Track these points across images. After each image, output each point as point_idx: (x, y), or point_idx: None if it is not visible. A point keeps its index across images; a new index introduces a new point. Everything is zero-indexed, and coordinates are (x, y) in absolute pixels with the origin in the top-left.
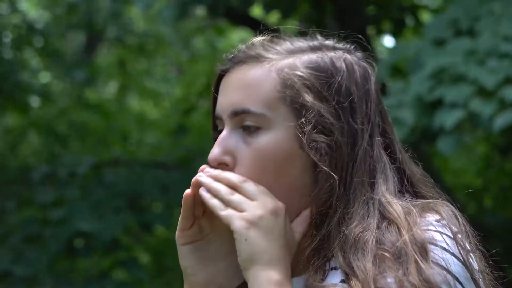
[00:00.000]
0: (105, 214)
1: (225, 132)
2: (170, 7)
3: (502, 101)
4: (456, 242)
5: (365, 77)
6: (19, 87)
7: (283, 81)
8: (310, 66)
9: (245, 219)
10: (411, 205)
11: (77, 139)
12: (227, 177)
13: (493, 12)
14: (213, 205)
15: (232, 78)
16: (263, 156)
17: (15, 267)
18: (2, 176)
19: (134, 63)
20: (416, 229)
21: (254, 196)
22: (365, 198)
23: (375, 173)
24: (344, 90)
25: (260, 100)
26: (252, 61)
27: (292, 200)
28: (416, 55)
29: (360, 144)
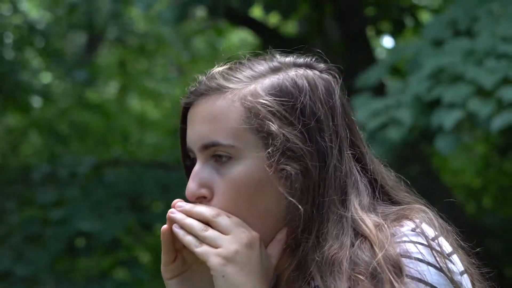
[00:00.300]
0: (105, 214)
1: (198, 165)
2: (171, 8)
3: (500, 101)
4: (432, 250)
5: (329, 91)
6: (20, 87)
7: (248, 110)
8: (272, 92)
9: (221, 256)
10: (385, 216)
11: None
12: (199, 212)
13: (491, 12)
14: (188, 242)
15: (197, 111)
16: (237, 186)
17: (16, 267)
18: (3, 176)
19: (134, 63)
20: (388, 246)
21: (227, 230)
22: (337, 216)
23: (346, 189)
24: (309, 110)
25: (228, 131)
26: (214, 93)
27: (268, 227)
28: (415, 55)
29: (329, 162)
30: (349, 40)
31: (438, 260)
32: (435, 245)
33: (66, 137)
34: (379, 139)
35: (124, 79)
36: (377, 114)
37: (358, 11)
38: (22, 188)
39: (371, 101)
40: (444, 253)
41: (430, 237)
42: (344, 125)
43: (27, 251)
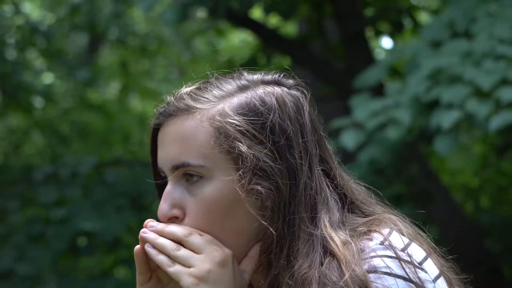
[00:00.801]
0: (107, 213)
1: (170, 186)
2: (172, 9)
3: (498, 102)
4: (401, 261)
5: (298, 107)
6: (23, 88)
7: (216, 130)
8: (241, 112)
9: (193, 275)
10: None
11: (79, 139)
12: (171, 232)
13: (489, 14)
14: (160, 261)
15: (167, 132)
16: (209, 206)
17: (18, 266)
18: (5, 175)
19: (135, 64)
20: (355, 265)
21: (200, 249)
22: (307, 234)
23: (316, 206)
24: (279, 128)
25: (197, 152)
26: (183, 114)
27: (241, 244)
28: (413, 56)
29: (300, 179)
30: (349, 40)
31: (407, 272)
32: (404, 256)
33: (67, 137)
34: (378, 139)
35: (125, 79)
36: (376, 114)
37: (357, 12)
38: (24, 188)
39: (370, 101)
40: (414, 262)
41: (400, 248)
42: (314, 141)
43: (29, 250)
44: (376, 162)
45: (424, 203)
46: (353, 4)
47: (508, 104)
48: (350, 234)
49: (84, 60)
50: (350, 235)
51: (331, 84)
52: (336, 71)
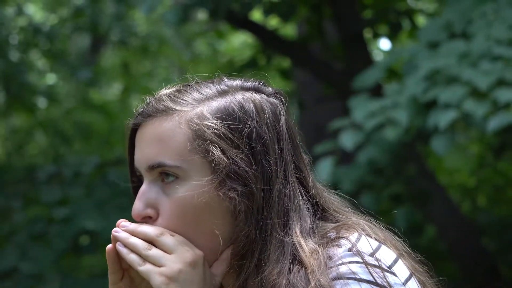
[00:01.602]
0: (109, 212)
1: (145, 185)
2: (173, 10)
3: (495, 102)
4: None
5: (276, 115)
6: (26, 88)
7: (194, 132)
8: (219, 116)
9: (164, 275)
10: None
11: (82, 139)
12: (143, 231)
13: (486, 15)
14: (131, 260)
15: (145, 132)
16: (183, 207)
17: (21, 264)
18: (9, 175)
19: (137, 65)
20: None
21: (171, 249)
22: (278, 241)
23: (289, 212)
24: (255, 134)
25: (174, 153)
26: (161, 115)
27: (213, 247)
28: (411, 57)
29: (274, 185)
30: (347, 42)
31: (374, 276)
32: (372, 261)
33: (70, 137)
34: (376, 139)
35: (127, 80)
36: (374, 115)
37: (356, 14)
38: (27, 187)
39: (368, 101)
40: (383, 266)
41: (368, 253)
42: (290, 149)
43: (32, 249)
44: (375, 162)
45: (422, 203)
46: (352, 6)
47: (505, 104)
48: (319, 241)
49: (86, 61)
50: (318, 243)
51: (330, 84)
52: (335, 72)
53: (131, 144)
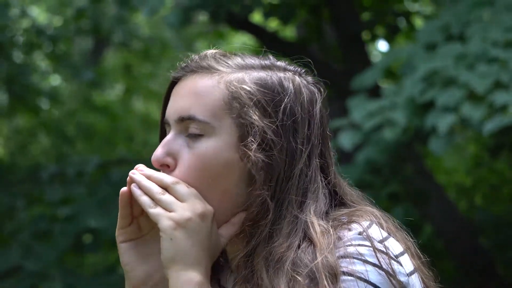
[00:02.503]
0: (111, 211)
1: (171, 135)
2: (174, 13)
3: (492, 105)
4: (375, 251)
5: (312, 100)
6: (29, 90)
7: (231, 93)
8: (258, 83)
9: (173, 219)
10: (335, 219)
11: (85, 139)
12: (159, 177)
13: (482, 18)
14: (143, 202)
15: (183, 86)
16: (203, 161)
17: (25, 262)
18: (13, 175)
19: (139, 66)
20: (328, 252)
21: (184, 198)
22: (293, 217)
23: (307, 193)
24: (289, 110)
25: (207, 108)
26: (203, 71)
27: (224, 208)
28: (408, 58)
29: (297, 163)
30: (346, 43)
31: (380, 260)
32: (380, 247)
33: (73, 137)
34: (374, 139)
35: (129, 81)
36: (372, 115)
37: (354, 17)
38: (31, 187)
39: (366, 102)
40: (390, 253)
41: (378, 240)
42: (319, 136)
43: (36, 247)
44: (373, 162)
45: (420, 202)
46: (350, 8)
47: (501, 107)
48: (331, 224)
49: (89, 62)
50: (331, 225)
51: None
52: (334, 73)
53: (167, 97)
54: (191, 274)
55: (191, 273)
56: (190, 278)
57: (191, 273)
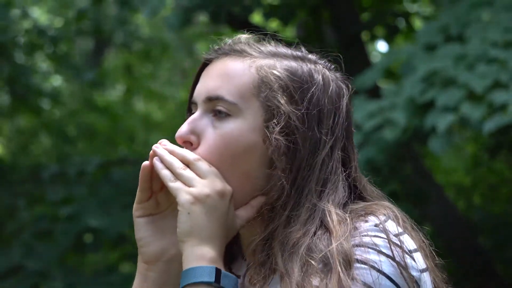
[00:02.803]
0: (112, 210)
1: (197, 114)
2: (175, 14)
3: (491, 104)
4: (390, 243)
5: (339, 94)
6: (31, 90)
7: (260, 78)
8: (288, 69)
9: (192, 194)
10: (352, 211)
11: (86, 139)
12: (182, 153)
13: (482, 19)
14: (164, 175)
15: (214, 67)
16: (226, 141)
17: (27, 262)
18: (14, 174)
19: (140, 67)
20: (344, 239)
21: (204, 175)
22: (311, 205)
23: (327, 183)
24: (316, 100)
25: (235, 90)
26: (235, 54)
27: (242, 190)
28: (408, 59)
29: (319, 153)
30: (345, 44)
31: (393, 252)
32: (395, 240)
33: (74, 137)
34: (374, 139)
35: (130, 82)
36: (372, 115)
37: (354, 18)
38: (33, 187)
39: (367, 102)
40: (404, 248)
41: (393, 233)
42: (343, 130)
43: (37, 247)
44: (372, 162)
45: (419, 202)
46: (350, 8)
47: (500, 106)
48: (348, 215)
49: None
50: (348, 216)
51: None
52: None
53: (197, 78)
54: (205, 249)
55: (205, 248)
56: (204, 253)
57: (205, 248)
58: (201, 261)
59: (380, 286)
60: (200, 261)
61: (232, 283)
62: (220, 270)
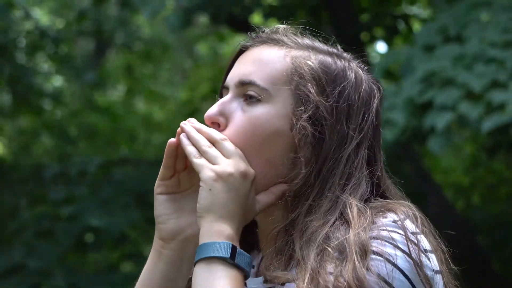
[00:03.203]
0: (113, 210)
1: (227, 97)
2: (175, 14)
3: (489, 104)
4: (407, 240)
5: (370, 94)
6: (32, 91)
7: (294, 67)
8: (322, 63)
9: (215, 171)
10: (372, 207)
11: (87, 139)
12: (209, 132)
13: (480, 19)
14: (189, 151)
15: (249, 53)
16: (253, 125)
17: (28, 261)
18: (16, 174)
19: (140, 68)
20: (362, 230)
21: (229, 155)
22: (334, 197)
23: (351, 178)
24: (346, 95)
25: (268, 76)
26: (272, 43)
27: (265, 175)
28: (407, 60)
29: (346, 148)
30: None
31: (410, 249)
32: (411, 237)
33: (75, 137)
34: None
35: (130, 82)
36: None
37: (353, 19)
38: (34, 186)
39: None
40: (420, 247)
41: (411, 231)
42: (371, 129)
43: (39, 246)
44: None
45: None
46: (349, 10)
47: (498, 106)
48: (369, 209)
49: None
50: (368, 209)
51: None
52: None
53: (232, 64)
54: (223, 226)
55: (223, 225)
56: (222, 230)
57: (223, 225)
58: (218, 237)
59: (394, 279)
60: (217, 237)
61: (246, 261)
62: (235, 247)
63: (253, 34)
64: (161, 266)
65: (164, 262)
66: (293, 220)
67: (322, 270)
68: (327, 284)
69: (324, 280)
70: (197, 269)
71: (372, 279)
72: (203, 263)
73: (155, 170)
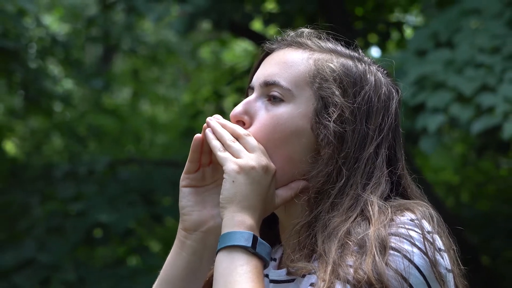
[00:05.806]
0: (120, 207)
1: (252, 96)
2: (180, 20)
3: (479, 106)
4: (424, 238)
5: (389, 97)
6: (43, 94)
7: (317, 69)
8: (344, 65)
9: (238, 164)
10: (391, 206)
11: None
12: (233, 127)
13: (470, 26)
14: (214, 145)
15: (275, 56)
16: (276, 122)
17: (40, 255)
18: (28, 173)
19: (146, 71)
20: (382, 227)
21: (252, 149)
22: (355, 195)
23: (372, 177)
24: (367, 97)
25: (291, 78)
26: (296, 46)
27: (284, 171)
28: (400, 64)
29: (366, 148)
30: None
31: (426, 247)
32: (428, 236)
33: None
34: None
35: (136, 85)
36: None
37: (348, 26)
38: (45, 184)
39: None
40: (436, 245)
41: (426, 230)
42: (391, 130)
43: (50, 241)
44: None
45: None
46: (345, 17)
47: (487, 109)
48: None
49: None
50: (388, 207)
51: None
52: None
53: (258, 66)
54: (245, 217)
55: (245, 216)
56: (244, 220)
57: (245, 216)
58: (240, 226)
59: (410, 275)
60: (239, 227)
61: (266, 251)
62: (257, 237)
63: (277, 38)
64: (183, 256)
65: (186, 252)
66: (316, 216)
67: (343, 262)
68: (347, 276)
69: (344, 272)
70: (219, 257)
71: (390, 274)
72: (225, 251)
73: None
